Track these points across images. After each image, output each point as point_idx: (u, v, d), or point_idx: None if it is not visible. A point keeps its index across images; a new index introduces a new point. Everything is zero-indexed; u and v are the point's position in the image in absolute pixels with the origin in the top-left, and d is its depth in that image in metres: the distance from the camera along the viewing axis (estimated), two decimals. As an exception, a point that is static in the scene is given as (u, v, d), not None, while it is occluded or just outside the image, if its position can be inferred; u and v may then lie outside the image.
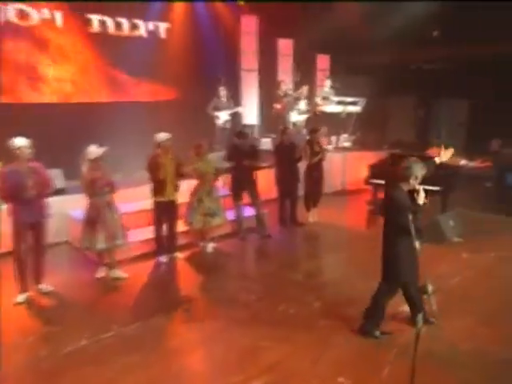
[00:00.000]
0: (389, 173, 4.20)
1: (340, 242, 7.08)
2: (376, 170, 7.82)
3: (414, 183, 3.92)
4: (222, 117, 9.31)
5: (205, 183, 6.43)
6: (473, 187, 8.38)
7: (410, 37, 10.07)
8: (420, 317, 3.04)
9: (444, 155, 4.60)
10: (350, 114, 10.54)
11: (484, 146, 10.43)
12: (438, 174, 7.11)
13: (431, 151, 8.19)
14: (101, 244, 5.41)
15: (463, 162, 7.49)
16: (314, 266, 6.19)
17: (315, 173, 7.66)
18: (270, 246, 6.99)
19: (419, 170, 3.91)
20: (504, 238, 7.06)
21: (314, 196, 7.81)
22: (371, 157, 9.70)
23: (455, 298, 5.02)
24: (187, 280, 5.84)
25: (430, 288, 3.28)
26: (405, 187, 3.92)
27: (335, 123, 10.55)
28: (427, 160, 4.19)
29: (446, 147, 9.13)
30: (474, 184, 8.53)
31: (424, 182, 7.17)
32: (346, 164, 10.10)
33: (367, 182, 7.85)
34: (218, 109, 9.27)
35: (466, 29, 9.73)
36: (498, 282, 5.53)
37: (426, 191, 3.96)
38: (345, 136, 10.84)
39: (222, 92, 9.28)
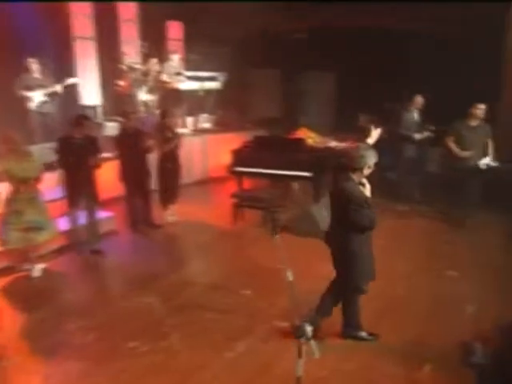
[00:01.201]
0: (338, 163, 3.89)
1: (205, 243, 6.40)
2: (240, 156, 7.22)
3: (367, 173, 3.63)
4: (37, 98, 7.52)
5: (23, 189, 5.20)
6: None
7: (271, 3, 9.61)
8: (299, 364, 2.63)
9: (374, 135, 4.46)
10: (208, 91, 9.78)
11: (353, 122, 10.57)
12: (309, 159, 6.94)
13: (300, 132, 7.87)
14: None
15: (333, 143, 7.29)
16: (174, 280, 5.35)
17: (170, 163, 6.81)
18: (117, 259, 5.96)
19: (373, 158, 3.59)
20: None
21: (170, 191, 6.95)
22: (234, 138, 9.17)
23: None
24: (2, 323, 4.59)
25: (308, 330, 2.71)
26: (356, 178, 3.62)
27: (192, 102, 9.70)
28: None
29: (313, 127, 8.96)
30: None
31: (293, 167, 6.93)
32: (207, 148, 9.39)
33: (231, 171, 7.25)
34: (29, 88, 7.45)
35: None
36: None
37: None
38: (204, 116, 10.08)
39: (33, 65, 7.45)
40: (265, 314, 4.52)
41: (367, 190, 3.67)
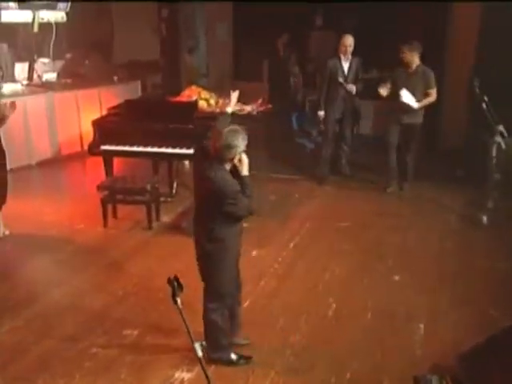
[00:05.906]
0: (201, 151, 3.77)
1: (58, 267, 4.92)
2: (106, 130, 5.87)
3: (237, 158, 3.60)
4: None
5: None
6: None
7: None
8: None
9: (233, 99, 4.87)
10: (45, 25, 7.97)
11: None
12: (203, 129, 5.62)
13: (189, 92, 6.55)
14: None
15: (237, 106, 6.11)
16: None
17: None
18: None
19: (243, 143, 3.54)
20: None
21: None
22: (95, 96, 7.99)
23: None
24: None
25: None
26: (227, 166, 3.60)
27: (24, 41, 7.97)
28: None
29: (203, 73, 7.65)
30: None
31: (182, 143, 5.71)
32: (55, 112, 7.75)
33: (95, 152, 5.89)
34: None
35: None
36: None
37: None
38: (44, 62, 8.25)
39: None
40: (161, 361, 3.66)
41: (245, 166, 3.57)
